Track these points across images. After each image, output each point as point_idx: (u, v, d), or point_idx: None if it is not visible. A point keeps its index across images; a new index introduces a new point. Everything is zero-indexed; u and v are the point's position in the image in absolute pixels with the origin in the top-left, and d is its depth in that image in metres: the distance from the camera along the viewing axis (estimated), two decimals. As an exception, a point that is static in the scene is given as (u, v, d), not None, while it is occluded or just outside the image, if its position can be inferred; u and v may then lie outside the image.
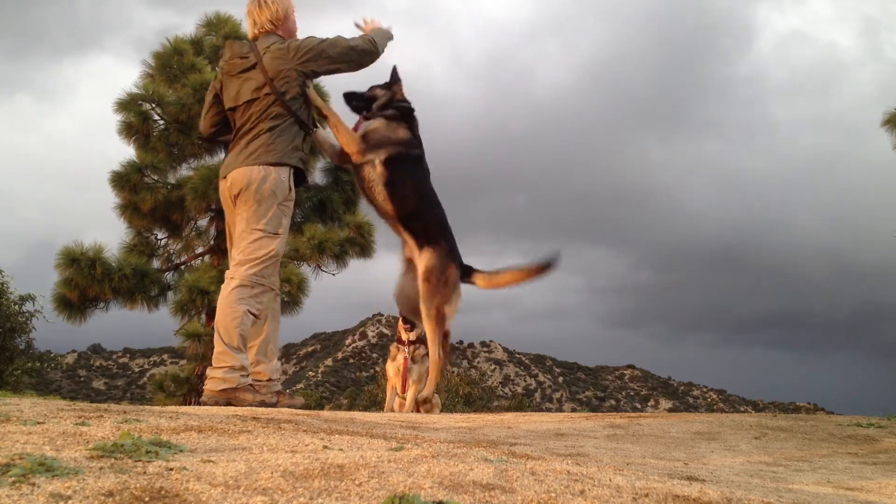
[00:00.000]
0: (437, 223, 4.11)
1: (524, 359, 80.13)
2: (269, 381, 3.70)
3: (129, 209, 9.67)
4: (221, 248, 9.51)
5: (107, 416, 1.76)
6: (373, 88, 4.21)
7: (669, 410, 56.94)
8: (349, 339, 78.19)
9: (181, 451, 1.35)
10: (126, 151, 10.24)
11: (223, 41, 8.72)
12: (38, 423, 1.54)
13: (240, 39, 4.01)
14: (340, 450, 1.46)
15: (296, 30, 3.92)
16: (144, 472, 1.12)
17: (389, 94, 4.16)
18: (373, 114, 4.11)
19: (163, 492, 1.02)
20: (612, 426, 3.06)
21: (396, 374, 4.73)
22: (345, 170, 10.19)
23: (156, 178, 9.66)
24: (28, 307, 10.02)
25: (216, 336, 3.51)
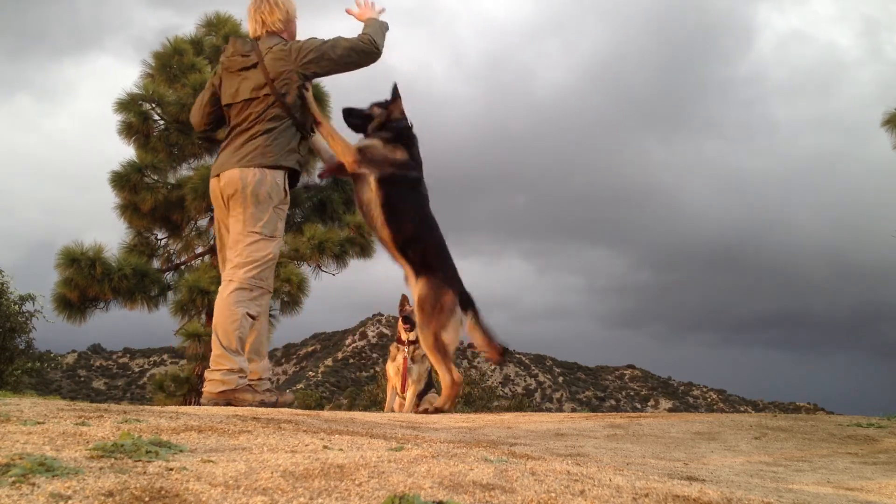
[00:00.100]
0: (435, 250, 3.96)
1: (524, 359, 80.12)
2: (260, 380, 3.71)
3: (129, 209, 9.67)
4: (221, 249, 9.48)
5: (107, 416, 1.76)
6: (372, 106, 4.08)
7: (669, 410, 56.93)
8: (349, 339, 78.22)
9: (181, 451, 1.35)
10: (126, 151, 10.25)
11: (223, 41, 8.74)
12: (38, 423, 1.54)
13: (243, 37, 4.00)
14: (340, 450, 1.46)
15: (296, 34, 3.93)
16: (144, 472, 1.12)
17: (386, 114, 4.03)
18: (369, 135, 4.01)
19: (163, 492, 1.02)
20: (612, 426, 3.06)
21: (396, 374, 4.74)
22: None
23: (156, 178, 9.66)
24: (28, 307, 10.02)
25: (214, 338, 3.51)
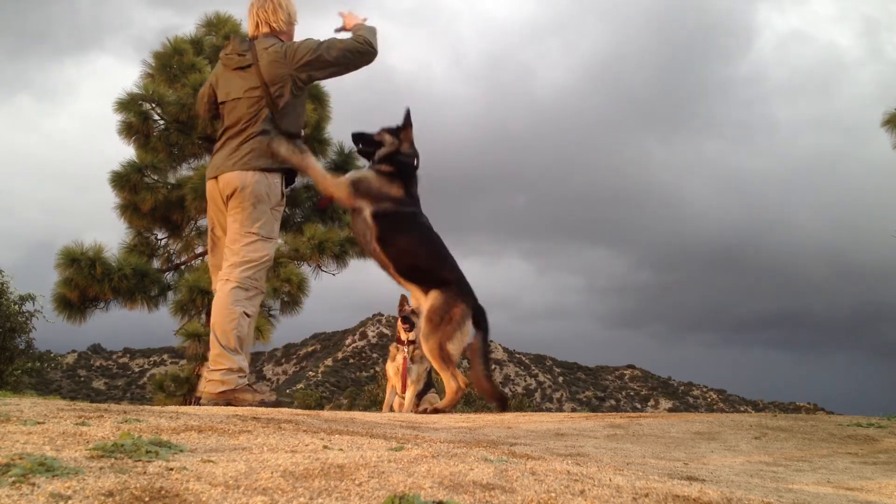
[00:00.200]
0: (442, 266, 3.95)
1: (524, 359, 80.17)
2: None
3: (129, 209, 9.67)
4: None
5: (107, 416, 1.77)
6: (382, 132, 4.05)
7: (669, 410, 56.93)
8: (349, 339, 78.22)
9: (181, 451, 1.35)
10: (126, 151, 10.24)
11: (223, 41, 8.72)
12: (38, 423, 1.54)
13: (242, 36, 4.01)
14: (340, 450, 1.46)
15: (294, 37, 3.94)
16: (144, 472, 1.12)
17: (395, 145, 3.99)
18: (373, 165, 3.99)
19: (163, 492, 1.02)
20: (612, 426, 3.06)
21: (396, 374, 4.74)
22: (346, 169, 10.19)
23: (156, 178, 9.66)
24: (28, 307, 10.00)
25: (212, 338, 3.51)
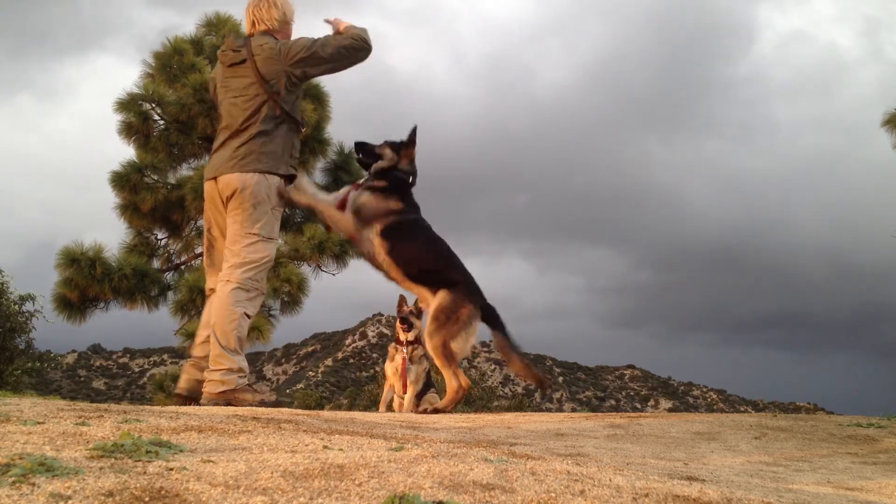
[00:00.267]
0: (449, 267, 3.98)
1: (524, 359, 79.97)
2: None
3: (129, 209, 9.67)
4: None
5: (107, 416, 1.76)
6: (384, 145, 4.08)
7: (669, 410, 56.93)
8: (349, 339, 78.13)
9: (181, 451, 1.35)
10: (126, 151, 10.22)
11: (223, 41, 8.73)
12: (38, 423, 1.54)
13: (237, 32, 4.04)
14: (340, 450, 1.46)
15: (291, 37, 3.95)
16: (144, 472, 1.12)
17: (394, 161, 4.02)
18: (365, 182, 4.01)
19: (163, 492, 1.02)
20: (612, 426, 3.06)
21: (395, 374, 4.74)
22: (346, 170, 10.19)
23: (156, 178, 9.65)
24: (28, 307, 9.98)
25: (213, 338, 3.51)
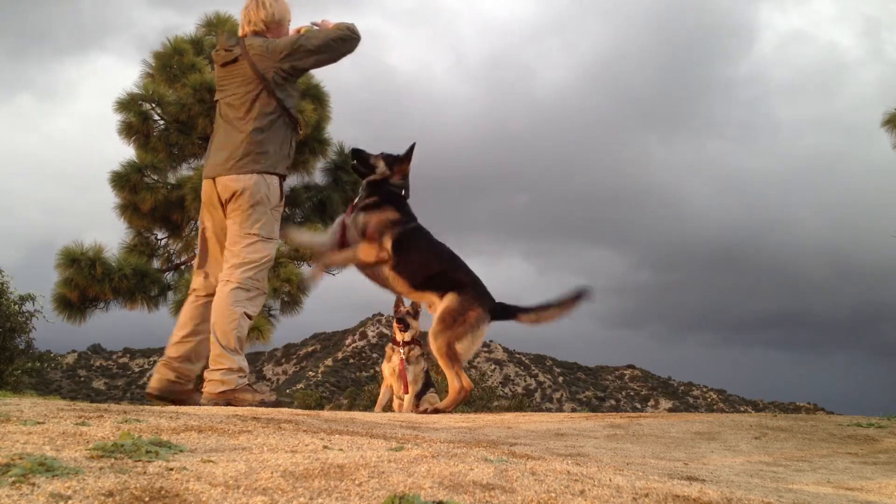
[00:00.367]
0: (455, 273, 3.97)
1: (524, 359, 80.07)
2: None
3: (129, 209, 9.67)
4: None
5: (107, 416, 1.76)
6: (380, 157, 4.06)
7: (669, 410, 56.94)
8: (349, 339, 78.13)
9: (181, 451, 1.35)
10: (126, 151, 10.23)
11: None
12: (38, 423, 1.54)
13: (230, 32, 4.04)
14: (340, 450, 1.46)
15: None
16: (144, 472, 1.12)
17: (385, 175, 4.01)
18: (357, 203, 4.01)
19: (163, 492, 1.02)
20: (612, 426, 3.06)
21: (392, 375, 4.73)
22: (345, 170, 10.19)
23: (156, 178, 9.66)
24: (28, 307, 10.00)
25: (213, 338, 3.51)
